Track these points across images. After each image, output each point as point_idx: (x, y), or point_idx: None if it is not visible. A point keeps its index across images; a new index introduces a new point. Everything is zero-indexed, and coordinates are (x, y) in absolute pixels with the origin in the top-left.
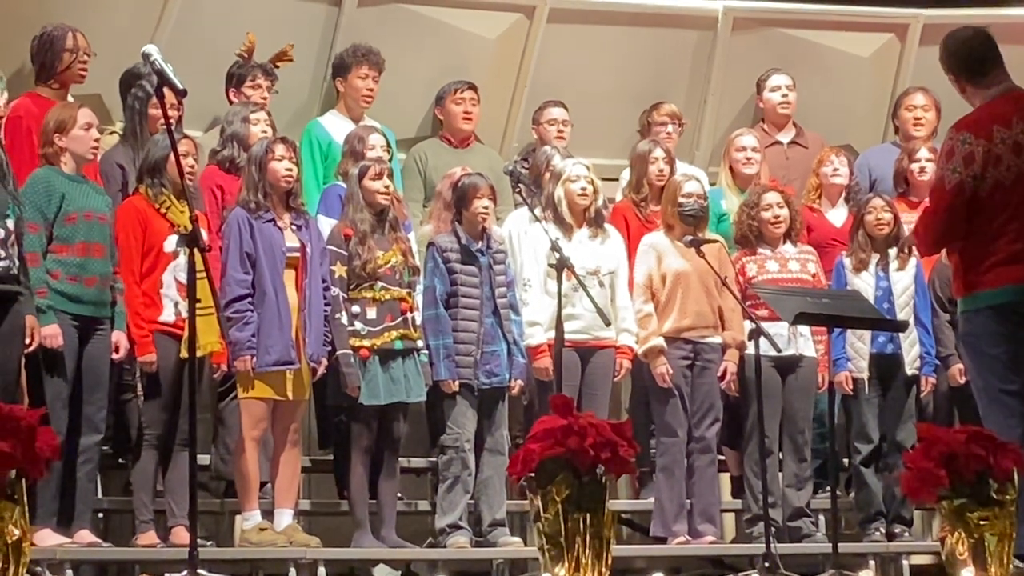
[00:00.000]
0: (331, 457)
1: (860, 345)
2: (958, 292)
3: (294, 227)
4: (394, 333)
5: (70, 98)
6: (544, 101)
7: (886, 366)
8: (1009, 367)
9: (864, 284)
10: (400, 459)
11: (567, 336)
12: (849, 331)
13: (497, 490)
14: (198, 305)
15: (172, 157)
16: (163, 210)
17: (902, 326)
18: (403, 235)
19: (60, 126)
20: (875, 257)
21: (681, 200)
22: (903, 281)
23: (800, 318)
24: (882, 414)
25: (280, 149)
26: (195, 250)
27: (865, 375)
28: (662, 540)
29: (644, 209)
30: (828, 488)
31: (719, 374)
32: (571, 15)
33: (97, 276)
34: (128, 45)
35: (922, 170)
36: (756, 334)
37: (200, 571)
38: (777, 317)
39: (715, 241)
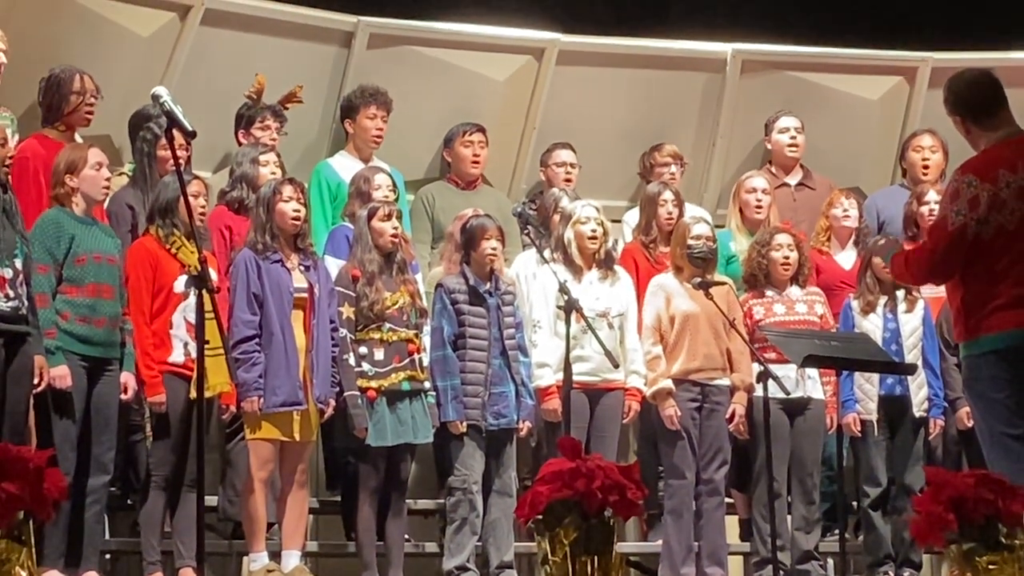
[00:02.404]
0: (338, 498)
1: (868, 387)
2: (960, 336)
3: (302, 268)
4: (401, 374)
5: (79, 139)
6: (552, 143)
7: (894, 408)
8: (1013, 411)
9: (872, 326)
10: (407, 500)
11: (576, 378)
12: (857, 373)
13: (505, 532)
14: (207, 346)
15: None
16: (173, 251)
17: (910, 369)
18: (411, 276)
19: (71, 166)
20: (883, 299)
21: (690, 242)
22: (911, 323)
23: (808, 360)
24: (890, 457)
25: (288, 190)
26: (203, 291)
27: (873, 417)
28: None
29: (653, 251)
30: (837, 531)
31: (727, 416)
32: (580, 57)
33: (106, 317)
34: (138, 86)
35: (931, 213)
36: (764, 376)
37: None
38: (785, 359)
39: (723, 283)
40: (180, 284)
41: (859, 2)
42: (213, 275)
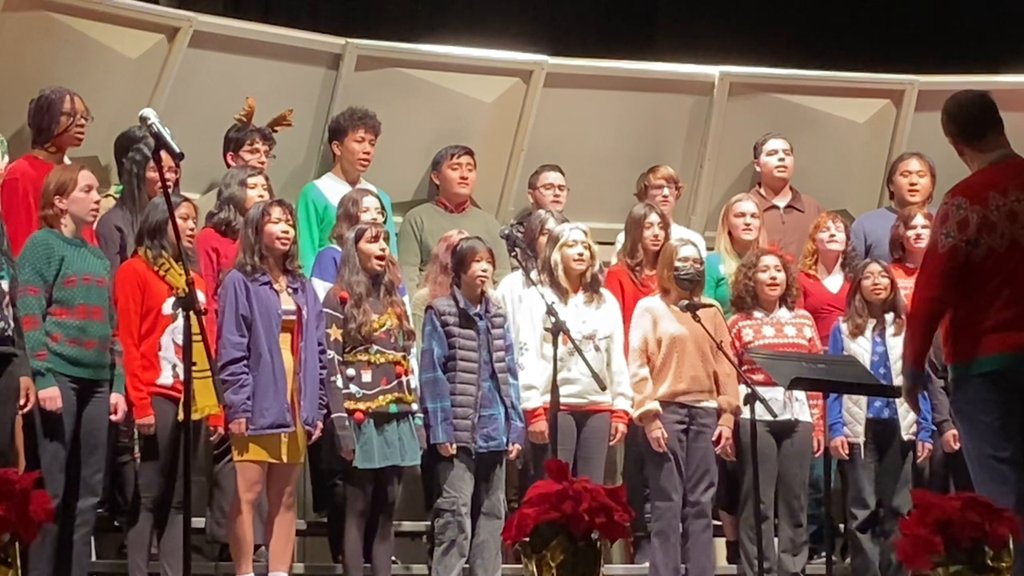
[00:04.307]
0: (326, 520)
1: (856, 410)
2: (949, 359)
3: (290, 290)
4: (389, 396)
5: (67, 160)
6: (540, 165)
7: (882, 431)
8: (1001, 434)
9: (860, 349)
10: (395, 522)
11: (563, 400)
12: (845, 396)
13: (492, 554)
14: (195, 368)
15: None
16: (162, 272)
17: (898, 392)
18: (398, 298)
19: (61, 188)
20: (871, 322)
21: (677, 264)
22: (899, 347)
23: (796, 383)
24: (878, 479)
25: (276, 212)
26: (190, 313)
27: (861, 440)
28: None
29: (639, 273)
30: (824, 554)
31: (714, 439)
32: (568, 80)
33: (97, 339)
34: (126, 108)
35: (918, 237)
36: (752, 399)
37: None
38: (773, 382)
39: (711, 305)
40: (168, 306)
41: (846, 25)
42: (201, 297)
